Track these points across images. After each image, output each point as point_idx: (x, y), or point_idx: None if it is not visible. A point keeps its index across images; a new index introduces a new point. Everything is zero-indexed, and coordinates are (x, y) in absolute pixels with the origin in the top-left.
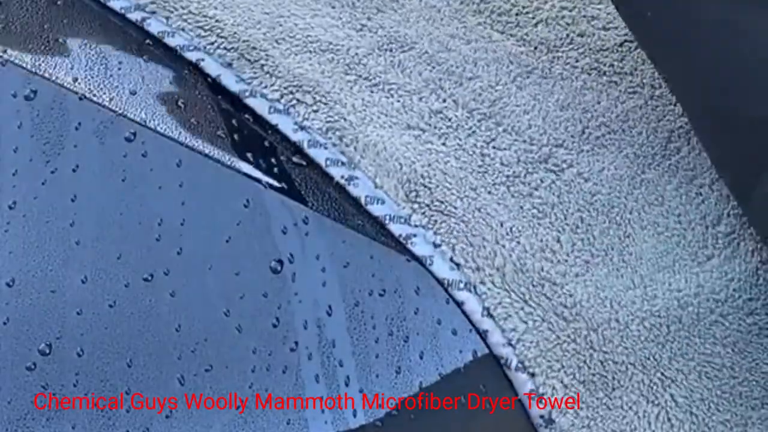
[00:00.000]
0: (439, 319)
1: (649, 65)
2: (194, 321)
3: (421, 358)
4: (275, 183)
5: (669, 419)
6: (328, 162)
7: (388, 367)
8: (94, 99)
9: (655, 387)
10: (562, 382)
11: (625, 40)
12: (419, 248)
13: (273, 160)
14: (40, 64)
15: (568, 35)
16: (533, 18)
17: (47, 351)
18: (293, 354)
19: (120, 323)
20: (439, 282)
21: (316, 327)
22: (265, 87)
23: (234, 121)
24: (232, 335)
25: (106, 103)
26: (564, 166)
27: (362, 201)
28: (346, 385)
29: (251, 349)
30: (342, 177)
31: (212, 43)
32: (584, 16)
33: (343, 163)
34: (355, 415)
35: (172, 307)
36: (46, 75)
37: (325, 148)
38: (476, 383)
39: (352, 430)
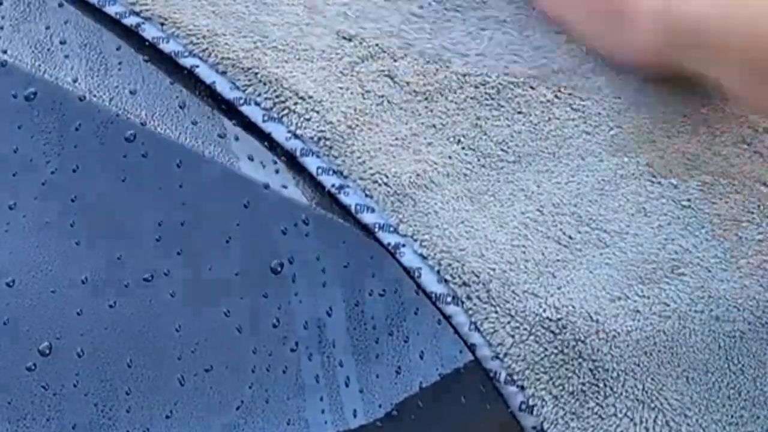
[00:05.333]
0: (439, 319)
1: None
2: (194, 321)
3: (421, 358)
4: (276, 184)
5: (667, 422)
6: (320, 170)
7: (388, 367)
8: (94, 99)
9: (649, 392)
10: (551, 393)
11: None
12: (407, 259)
13: (272, 162)
14: (40, 64)
15: None
16: None
17: (47, 351)
18: (293, 354)
19: (120, 323)
20: (428, 296)
21: (317, 327)
22: (259, 95)
23: (233, 123)
24: (232, 335)
25: (106, 103)
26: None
27: (353, 209)
28: (346, 385)
29: (251, 349)
30: (333, 186)
31: (205, 50)
32: None
33: (334, 172)
34: (355, 415)
35: (172, 307)
36: (46, 75)
37: (317, 156)
38: (477, 383)
39: (352, 430)
